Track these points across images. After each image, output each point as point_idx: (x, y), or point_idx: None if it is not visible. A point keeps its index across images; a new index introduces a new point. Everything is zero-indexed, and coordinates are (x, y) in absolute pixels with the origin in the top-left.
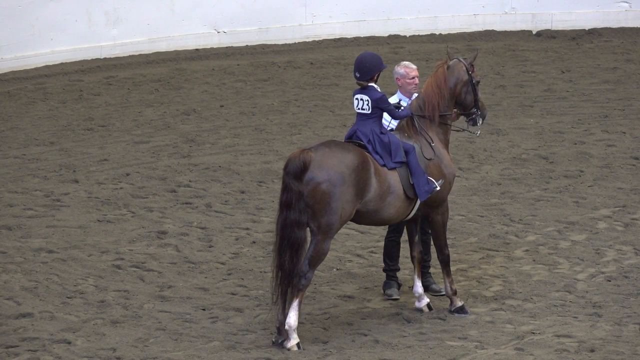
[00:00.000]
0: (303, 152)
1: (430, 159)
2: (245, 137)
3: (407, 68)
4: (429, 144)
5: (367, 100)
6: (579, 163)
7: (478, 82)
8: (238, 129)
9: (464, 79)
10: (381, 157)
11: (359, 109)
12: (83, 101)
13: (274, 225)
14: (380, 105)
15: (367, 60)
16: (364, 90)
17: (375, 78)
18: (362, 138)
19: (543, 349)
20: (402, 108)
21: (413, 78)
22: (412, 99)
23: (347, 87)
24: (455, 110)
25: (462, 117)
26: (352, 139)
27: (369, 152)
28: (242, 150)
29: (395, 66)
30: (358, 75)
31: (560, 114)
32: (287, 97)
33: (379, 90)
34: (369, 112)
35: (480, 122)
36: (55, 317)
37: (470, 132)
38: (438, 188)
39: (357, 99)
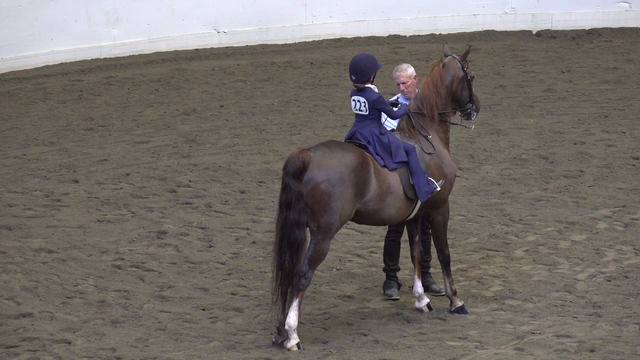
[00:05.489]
0: (302, 152)
1: (430, 153)
2: (245, 137)
3: (397, 73)
4: (426, 138)
5: (364, 102)
6: (579, 163)
7: (472, 77)
8: (238, 129)
9: (459, 75)
10: (382, 158)
11: (356, 110)
12: (83, 101)
13: (274, 225)
14: (377, 106)
15: (362, 63)
16: (360, 92)
17: (371, 79)
18: (362, 140)
19: (543, 349)
20: (399, 106)
21: (398, 85)
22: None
23: (347, 87)
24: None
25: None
26: (351, 140)
27: (369, 153)
28: (242, 150)
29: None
30: (354, 78)
31: (560, 114)
32: (287, 97)
33: (375, 91)
34: (367, 113)
35: (475, 116)
36: (55, 317)
37: (465, 127)
38: (438, 189)
39: (354, 100)
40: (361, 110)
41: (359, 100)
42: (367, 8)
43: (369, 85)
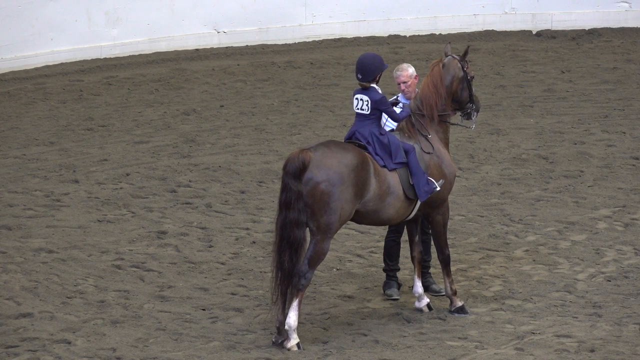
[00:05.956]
0: (302, 152)
1: (430, 153)
2: (245, 137)
3: (398, 72)
4: (426, 137)
5: (367, 101)
6: (579, 163)
7: (472, 77)
8: (238, 129)
9: (459, 75)
10: (382, 158)
11: (358, 108)
12: (83, 101)
13: (274, 225)
14: (380, 107)
15: (369, 62)
16: (364, 90)
17: (377, 79)
18: (361, 140)
19: (543, 349)
20: (401, 108)
21: (399, 84)
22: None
23: (347, 87)
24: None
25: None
26: (351, 140)
27: (369, 153)
28: (242, 150)
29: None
30: (360, 76)
31: (560, 114)
32: (287, 97)
33: (379, 91)
34: (368, 112)
35: (475, 115)
36: (55, 317)
37: (466, 127)
38: (438, 189)
39: (357, 98)
40: (363, 110)
41: (362, 99)
42: (367, 8)
43: (373, 85)
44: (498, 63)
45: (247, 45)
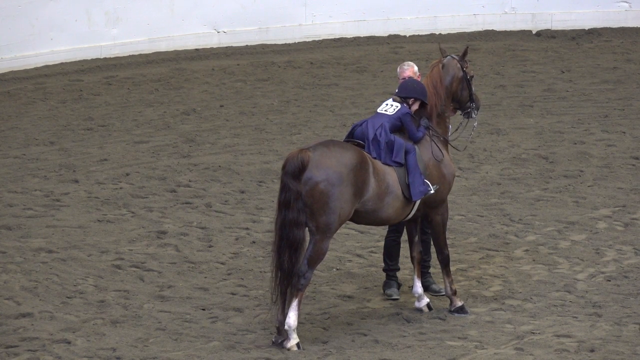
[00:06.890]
0: (301, 152)
1: (439, 161)
2: (245, 137)
3: (404, 67)
4: (434, 142)
5: (397, 108)
6: (579, 163)
7: (472, 77)
8: (238, 129)
9: (459, 76)
10: (377, 151)
11: (382, 110)
12: (83, 101)
13: (273, 225)
14: (404, 118)
15: (413, 83)
16: (397, 101)
17: (410, 102)
18: (370, 128)
19: (543, 349)
20: (422, 129)
21: (404, 79)
22: None
23: (347, 87)
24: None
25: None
26: (355, 130)
27: (367, 145)
28: (242, 150)
29: None
30: (397, 90)
31: (560, 114)
32: (287, 97)
33: (410, 111)
34: (390, 115)
35: (475, 114)
36: (55, 317)
37: (469, 136)
38: (432, 191)
39: (387, 103)
40: (387, 111)
41: (392, 105)
42: (367, 8)
43: (405, 105)
44: (498, 63)
45: (247, 45)
